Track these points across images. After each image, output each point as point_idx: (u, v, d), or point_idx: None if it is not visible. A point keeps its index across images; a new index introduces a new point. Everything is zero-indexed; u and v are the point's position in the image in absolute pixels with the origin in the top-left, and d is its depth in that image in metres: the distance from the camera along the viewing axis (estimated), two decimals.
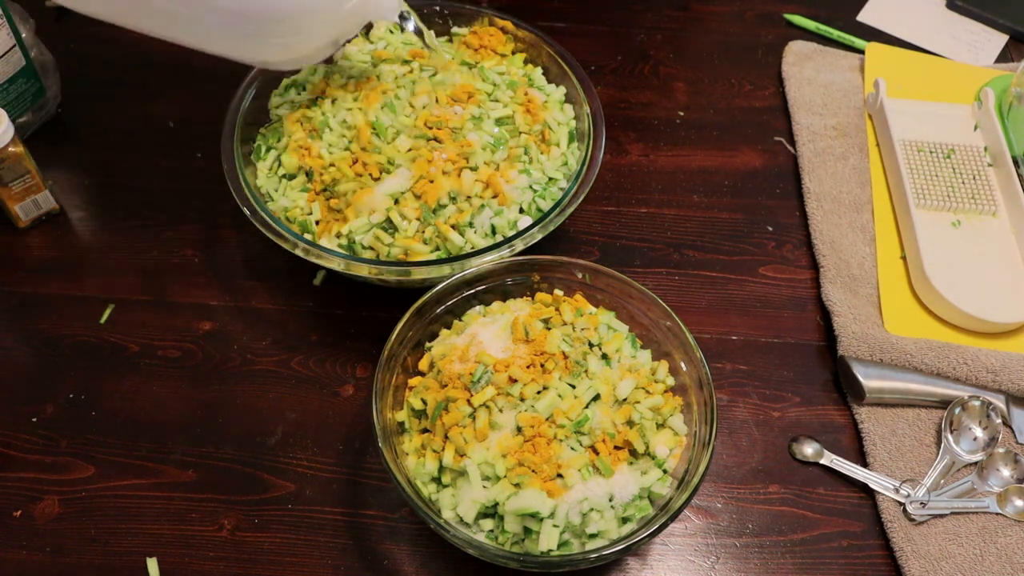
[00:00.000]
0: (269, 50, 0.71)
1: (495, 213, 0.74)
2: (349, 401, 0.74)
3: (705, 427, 0.62)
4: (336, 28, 0.72)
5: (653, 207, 0.88)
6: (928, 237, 0.82)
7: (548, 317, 0.66)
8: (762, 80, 1.01)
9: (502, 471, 0.59)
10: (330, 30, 0.71)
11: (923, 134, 0.90)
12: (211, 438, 0.71)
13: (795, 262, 0.85)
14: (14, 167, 0.78)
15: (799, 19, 1.06)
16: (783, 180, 0.91)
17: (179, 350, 0.76)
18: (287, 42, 0.69)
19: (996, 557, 0.66)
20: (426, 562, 0.66)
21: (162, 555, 0.65)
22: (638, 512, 0.60)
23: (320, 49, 0.73)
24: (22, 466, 0.69)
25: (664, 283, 0.83)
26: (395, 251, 0.72)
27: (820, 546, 0.68)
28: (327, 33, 0.71)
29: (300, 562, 0.65)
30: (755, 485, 0.71)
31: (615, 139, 0.93)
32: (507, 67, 0.84)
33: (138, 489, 0.69)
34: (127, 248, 0.83)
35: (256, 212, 0.72)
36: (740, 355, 0.78)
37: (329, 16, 0.69)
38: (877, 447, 0.71)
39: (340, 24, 0.71)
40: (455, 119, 0.77)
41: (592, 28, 1.05)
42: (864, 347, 0.75)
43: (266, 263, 0.82)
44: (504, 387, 0.61)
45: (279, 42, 0.69)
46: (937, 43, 1.05)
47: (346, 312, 0.79)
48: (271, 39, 0.68)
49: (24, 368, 0.75)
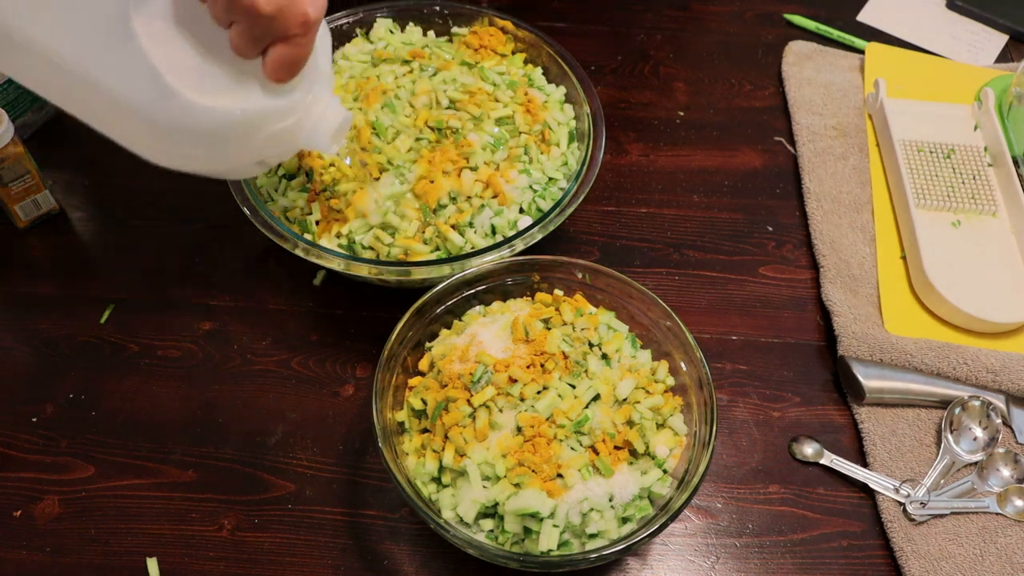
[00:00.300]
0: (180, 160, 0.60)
1: (495, 213, 0.74)
2: (349, 401, 0.74)
3: (705, 427, 0.62)
4: (257, 153, 0.61)
5: (653, 207, 0.88)
6: (928, 237, 0.82)
7: (548, 317, 0.66)
8: (762, 80, 1.01)
9: (502, 471, 0.59)
10: (248, 154, 0.61)
11: (923, 134, 0.90)
12: (211, 438, 0.71)
13: (795, 262, 0.85)
14: (14, 167, 0.78)
15: (799, 19, 1.06)
16: (783, 180, 0.91)
17: (179, 350, 0.76)
18: (194, 155, 0.59)
19: (996, 557, 0.66)
20: (426, 562, 0.66)
21: (162, 555, 0.65)
22: (638, 512, 0.60)
23: (243, 168, 0.63)
24: (22, 466, 0.69)
25: (664, 283, 0.83)
26: (395, 251, 0.72)
27: (820, 546, 0.68)
28: (244, 156, 0.61)
29: (300, 562, 0.65)
30: (755, 485, 0.71)
31: (615, 139, 0.93)
32: (507, 67, 0.84)
33: (138, 489, 0.69)
34: (127, 248, 0.83)
35: (256, 212, 0.72)
36: (740, 355, 0.78)
37: (243, 141, 0.59)
38: (877, 447, 0.71)
39: (261, 150, 0.61)
40: (455, 119, 0.77)
41: (592, 28, 1.05)
42: (864, 347, 0.75)
43: (266, 263, 0.82)
44: (504, 387, 0.61)
45: (187, 153, 0.59)
46: (937, 43, 1.05)
47: (346, 312, 0.79)
48: (181, 149, 0.58)
49: (24, 368, 0.75)
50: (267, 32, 0.52)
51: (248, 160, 0.61)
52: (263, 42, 0.53)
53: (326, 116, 0.60)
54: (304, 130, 0.60)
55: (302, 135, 0.61)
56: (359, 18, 0.87)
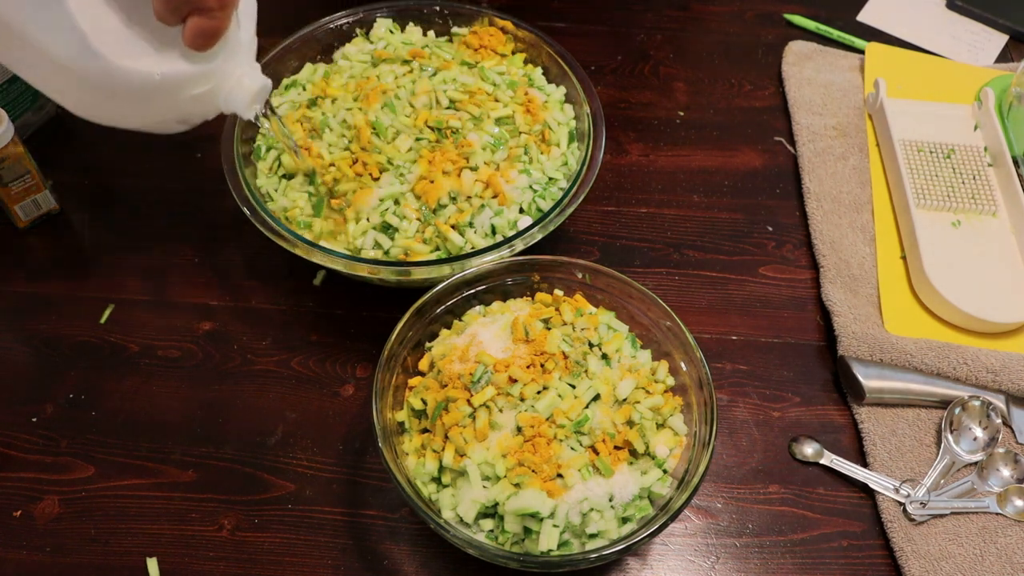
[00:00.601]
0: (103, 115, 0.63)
1: (495, 213, 0.74)
2: (349, 401, 0.74)
3: (705, 427, 0.62)
4: (177, 112, 0.65)
5: (653, 207, 0.88)
6: (928, 237, 0.82)
7: (548, 317, 0.66)
8: (762, 80, 1.01)
9: (502, 471, 0.59)
10: (169, 112, 0.65)
11: (923, 134, 0.90)
12: (211, 438, 0.71)
13: (795, 262, 0.85)
14: (14, 167, 0.78)
15: (799, 19, 1.06)
16: (783, 180, 0.91)
17: (179, 350, 0.76)
18: (116, 112, 0.63)
19: (996, 557, 0.66)
20: (426, 562, 0.66)
21: (162, 555, 0.65)
22: (638, 512, 0.60)
23: (166, 124, 0.67)
24: (22, 466, 0.69)
25: (664, 283, 0.83)
26: (395, 251, 0.72)
27: (820, 546, 0.68)
28: (165, 113, 0.65)
29: (300, 562, 0.65)
30: (755, 485, 0.71)
31: (615, 139, 0.93)
32: (507, 67, 0.84)
33: (138, 489, 0.69)
34: (127, 248, 0.83)
35: (256, 212, 0.72)
36: (740, 355, 0.78)
37: (163, 101, 0.63)
38: (877, 447, 0.71)
39: (181, 109, 0.65)
40: (455, 119, 0.77)
41: (592, 28, 1.05)
42: (864, 347, 0.75)
43: (266, 263, 0.82)
44: (504, 387, 0.61)
45: (109, 109, 0.62)
46: (937, 43, 1.05)
47: (346, 312, 0.79)
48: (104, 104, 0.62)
49: (24, 368, 0.75)
50: (185, 2, 0.55)
51: (170, 118, 0.66)
52: (182, 12, 0.56)
53: (243, 83, 0.64)
54: (222, 93, 0.64)
55: (219, 98, 0.65)
56: (359, 18, 0.87)
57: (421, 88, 0.79)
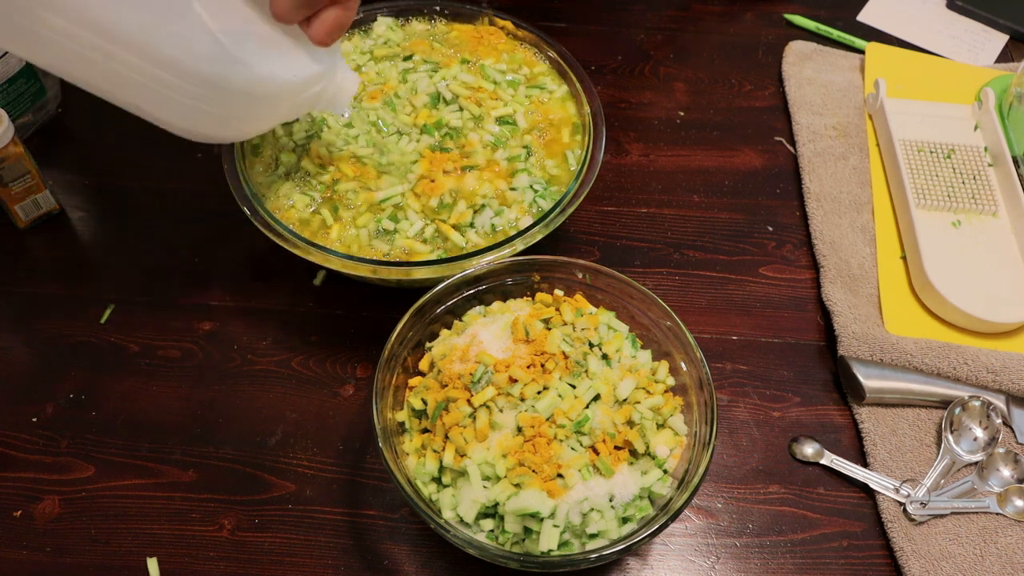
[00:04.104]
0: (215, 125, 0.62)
1: (496, 213, 0.74)
2: (349, 401, 0.74)
3: (705, 427, 0.62)
4: (286, 115, 0.66)
5: (653, 207, 0.88)
6: (928, 237, 0.82)
7: (548, 317, 0.66)
8: (762, 80, 1.01)
9: (502, 471, 0.59)
10: (281, 116, 0.65)
11: (923, 134, 0.90)
12: (211, 438, 0.71)
13: (795, 262, 0.85)
14: (14, 167, 0.78)
15: (799, 19, 1.06)
16: (783, 180, 0.91)
17: (179, 350, 0.76)
18: (241, 119, 0.61)
19: (996, 557, 0.66)
20: (426, 562, 0.66)
21: (162, 555, 0.65)
22: (638, 512, 0.60)
23: (261, 130, 0.68)
24: (22, 466, 0.69)
25: (664, 283, 0.83)
26: (395, 251, 0.72)
27: (820, 546, 0.68)
28: (279, 118, 0.66)
29: (300, 562, 0.65)
30: (755, 485, 0.71)
31: (615, 139, 0.93)
32: (508, 65, 0.84)
33: (138, 489, 0.69)
34: (127, 248, 0.83)
35: (256, 212, 0.72)
36: (740, 355, 0.78)
37: (288, 104, 0.62)
38: (877, 447, 0.71)
39: (291, 112, 0.65)
40: (456, 118, 0.77)
41: (592, 28, 1.05)
42: (864, 347, 0.75)
43: (266, 263, 0.82)
44: (504, 387, 0.61)
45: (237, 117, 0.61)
46: (937, 43, 1.05)
47: (346, 312, 0.79)
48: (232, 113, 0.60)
49: (24, 368, 0.75)
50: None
51: (275, 122, 0.65)
52: (312, 7, 0.54)
53: (346, 82, 0.64)
54: (328, 94, 0.64)
55: (325, 98, 0.64)
56: (359, 17, 0.87)
57: (422, 87, 0.79)
